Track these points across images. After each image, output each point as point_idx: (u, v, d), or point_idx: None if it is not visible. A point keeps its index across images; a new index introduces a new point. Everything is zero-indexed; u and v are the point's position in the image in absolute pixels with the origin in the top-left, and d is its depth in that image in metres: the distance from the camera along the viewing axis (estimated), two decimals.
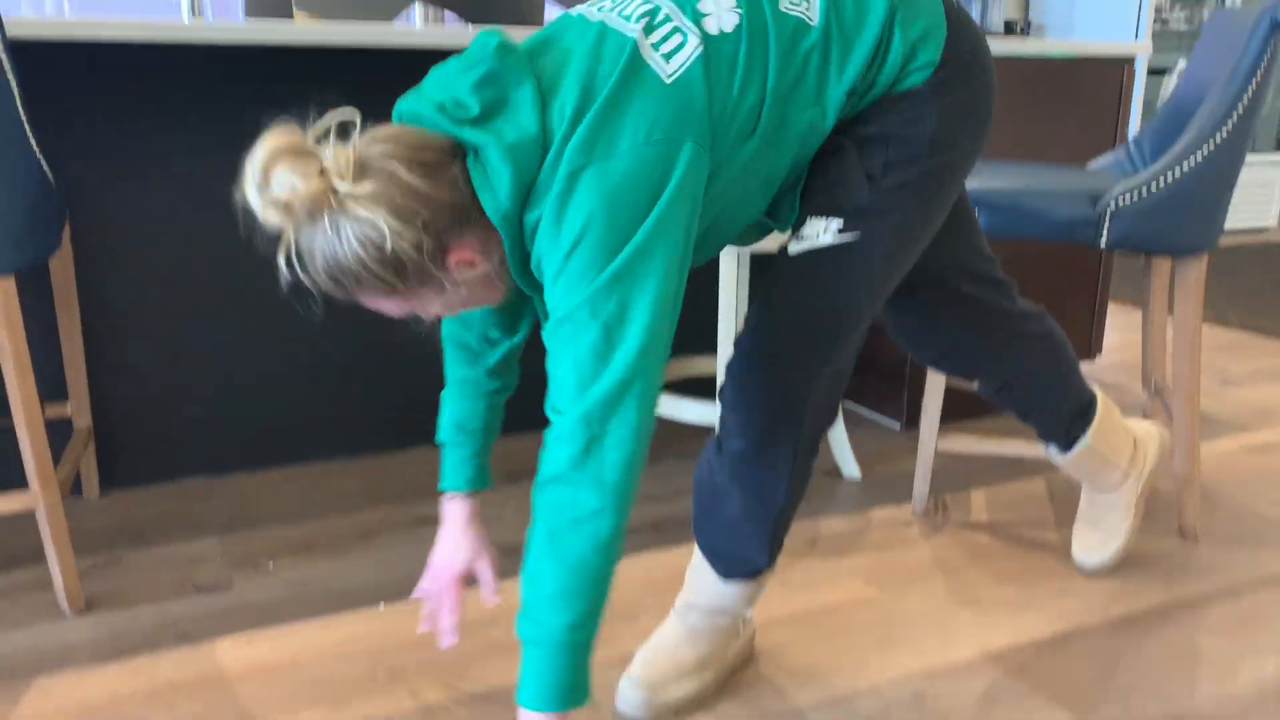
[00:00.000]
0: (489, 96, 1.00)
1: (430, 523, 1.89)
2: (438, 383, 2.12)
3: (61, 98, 1.73)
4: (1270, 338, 3.27)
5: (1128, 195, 1.72)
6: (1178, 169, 1.71)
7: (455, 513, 1.36)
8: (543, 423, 1.53)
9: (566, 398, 1.01)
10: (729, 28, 1.08)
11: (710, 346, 2.37)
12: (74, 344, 1.80)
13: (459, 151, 1.01)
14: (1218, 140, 1.70)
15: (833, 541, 1.85)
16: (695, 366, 2.18)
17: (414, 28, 1.69)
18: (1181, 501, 1.87)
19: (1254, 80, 1.67)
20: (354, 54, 1.84)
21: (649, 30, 1.05)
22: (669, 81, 1.03)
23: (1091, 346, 2.61)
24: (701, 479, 1.35)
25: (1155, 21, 4.83)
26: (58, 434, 1.91)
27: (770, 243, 1.74)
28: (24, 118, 1.41)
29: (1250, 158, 5.32)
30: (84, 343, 1.85)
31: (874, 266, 1.22)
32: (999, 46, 2.21)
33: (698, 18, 1.08)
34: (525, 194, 1.01)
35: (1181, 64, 5.01)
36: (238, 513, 1.93)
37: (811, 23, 1.12)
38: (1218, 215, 1.77)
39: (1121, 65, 2.36)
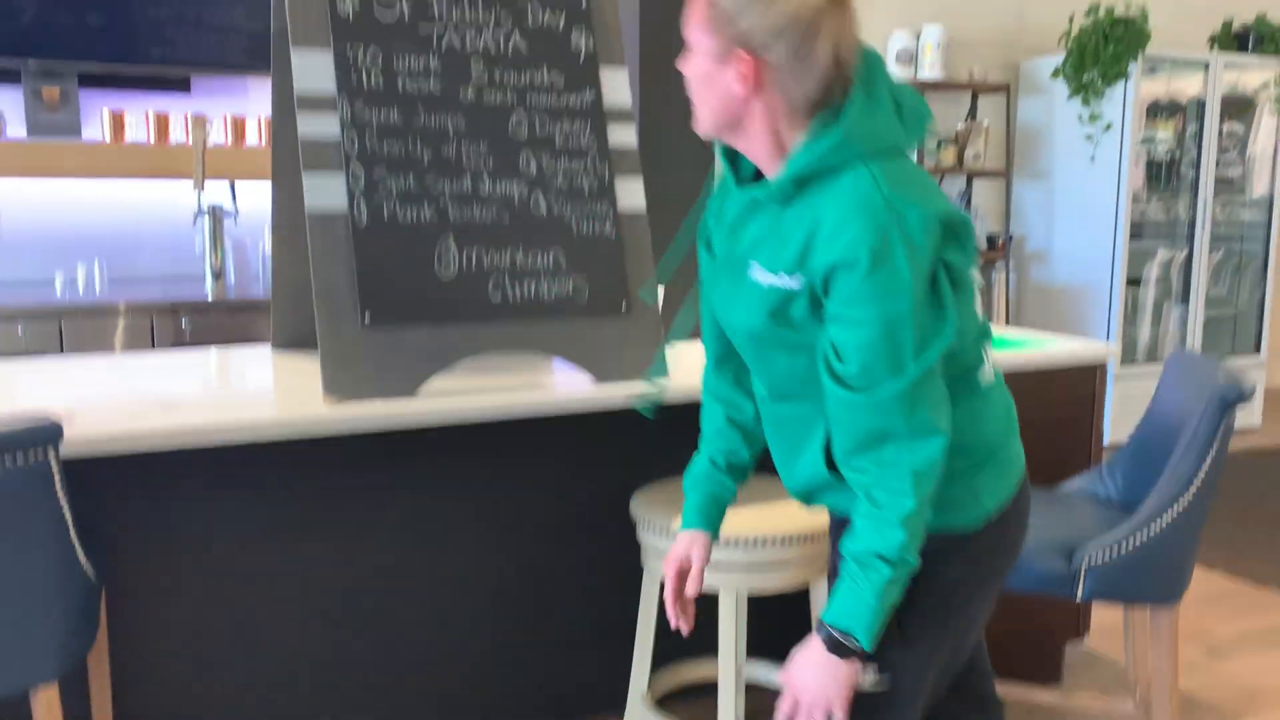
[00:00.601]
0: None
1: None
2: None
3: (95, 484, 1.84)
4: (1261, 587, 3.34)
5: (1100, 554, 1.83)
6: (1144, 532, 1.82)
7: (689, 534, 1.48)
8: None
9: None
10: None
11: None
12: None
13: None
14: (1180, 507, 1.82)
15: None
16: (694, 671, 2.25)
17: (443, 406, 1.83)
18: None
19: (1209, 455, 1.80)
20: (388, 436, 1.95)
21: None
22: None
23: (1080, 625, 2.68)
24: None
25: (1134, 212, 5.06)
26: None
27: (766, 582, 1.82)
28: (75, 538, 1.53)
29: (1233, 360, 5.49)
30: None
31: (905, 695, 1.35)
32: None
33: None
34: (811, 174, 1.24)
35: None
36: None
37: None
38: (1184, 569, 1.88)
39: (1094, 370, 2.51)
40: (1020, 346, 2.58)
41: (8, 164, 3.29)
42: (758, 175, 1.35)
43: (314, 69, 1.88)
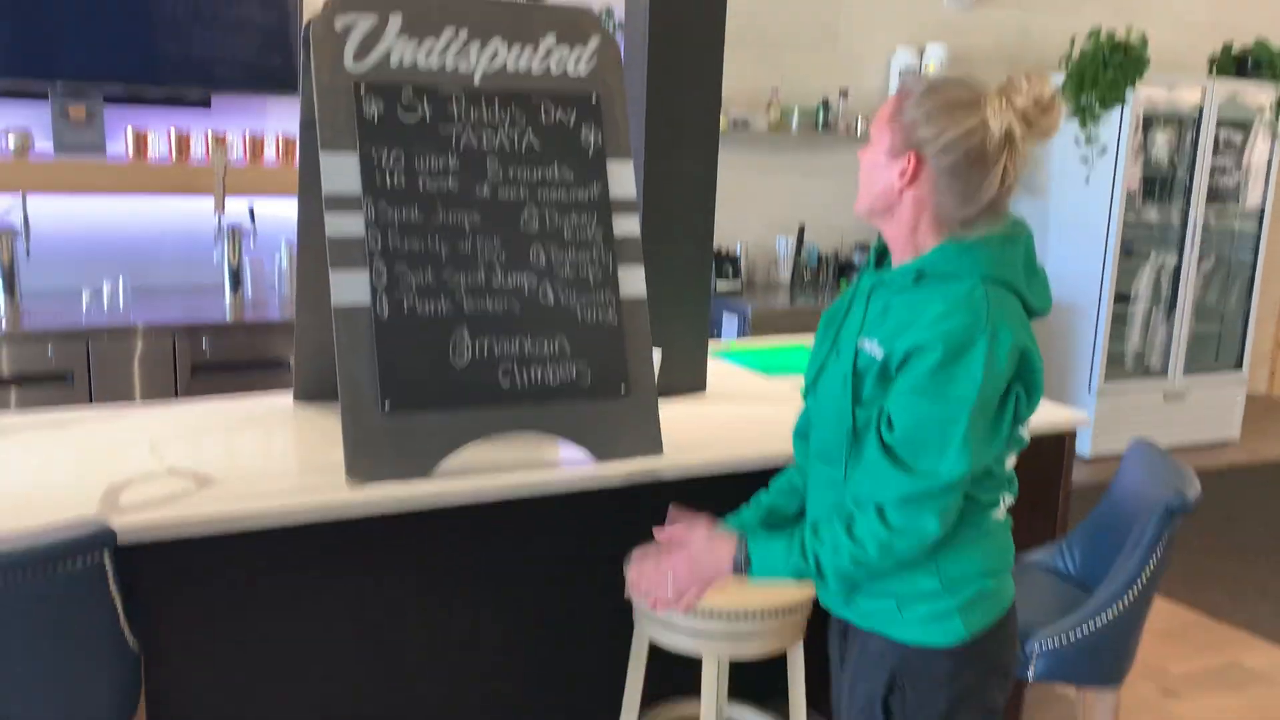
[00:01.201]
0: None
1: None
2: None
3: (133, 560, 1.99)
4: (1220, 621, 3.53)
5: (1050, 640, 2.02)
6: (1090, 623, 2.00)
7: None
8: None
9: None
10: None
11: None
12: None
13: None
14: (1124, 603, 2.00)
15: None
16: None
17: (457, 488, 2.00)
18: None
19: (1152, 558, 1.98)
20: (419, 516, 2.06)
21: None
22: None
23: None
24: None
25: (1128, 217, 5.19)
26: None
27: (746, 650, 2.00)
28: (124, 622, 1.70)
29: (1215, 376, 5.64)
30: None
31: None
32: None
33: None
34: (935, 273, 1.45)
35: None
36: None
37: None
38: (1127, 655, 2.07)
39: (1062, 438, 2.67)
40: None
41: (37, 180, 3.42)
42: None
43: (341, 171, 2.01)
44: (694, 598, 1.60)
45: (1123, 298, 5.33)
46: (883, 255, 1.59)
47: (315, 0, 3.77)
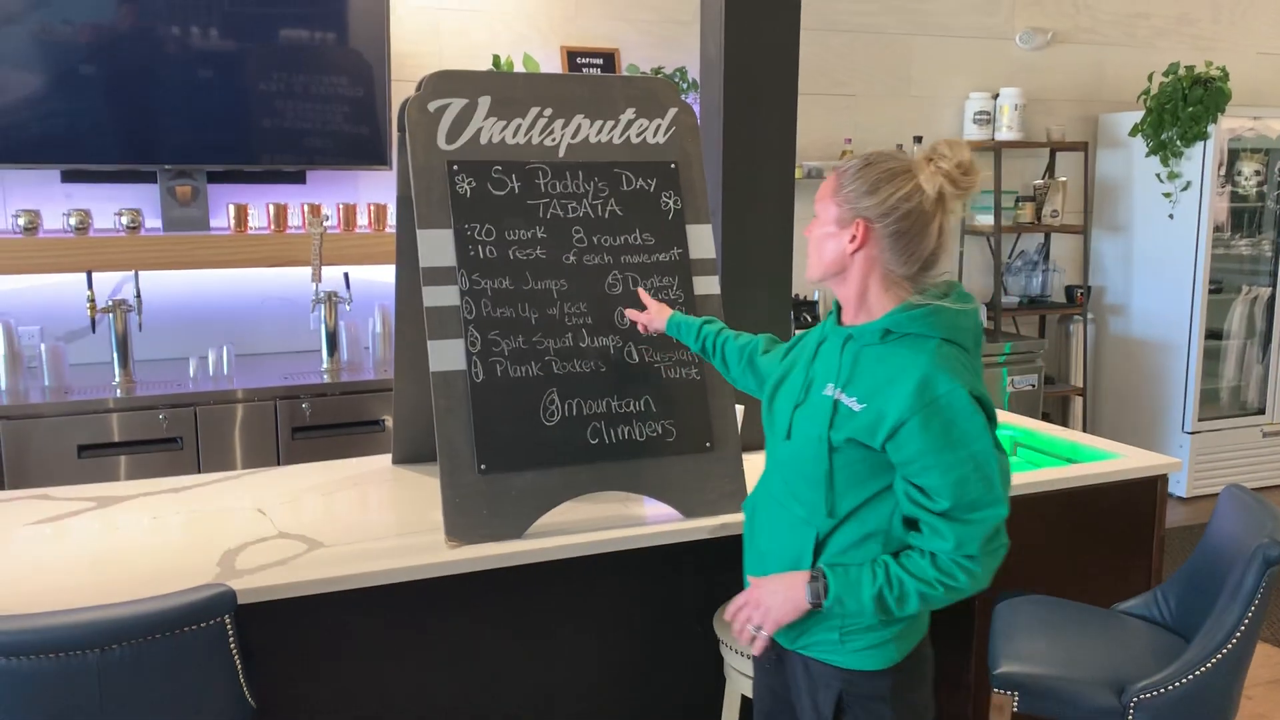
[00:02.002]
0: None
1: None
2: None
3: (249, 616, 2.10)
4: None
5: (1149, 693, 1.99)
6: (1190, 675, 1.98)
7: None
8: None
9: None
10: None
11: None
12: None
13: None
14: (1223, 653, 1.97)
15: None
16: None
17: (550, 545, 2.07)
18: None
19: (1251, 607, 1.95)
20: (513, 570, 2.13)
21: None
22: None
23: None
24: None
25: (1218, 247, 5.09)
26: None
27: None
28: (243, 679, 1.80)
29: None
30: None
31: None
32: (1033, 478, 2.51)
33: None
34: (902, 332, 1.63)
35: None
36: None
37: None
38: (1229, 707, 2.03)
39: (1154, 482, 2.64)
40: (1081, 458, 2.73)
41: (147, 257, 3.63)
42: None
43: (437, 246, 2.12)
44: (774, 624, 1.70)
45: (1215, 334, 5.21)
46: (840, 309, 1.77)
47: (402, 74, 3.96)
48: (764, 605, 1.69)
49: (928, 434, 1.56)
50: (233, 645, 1.74)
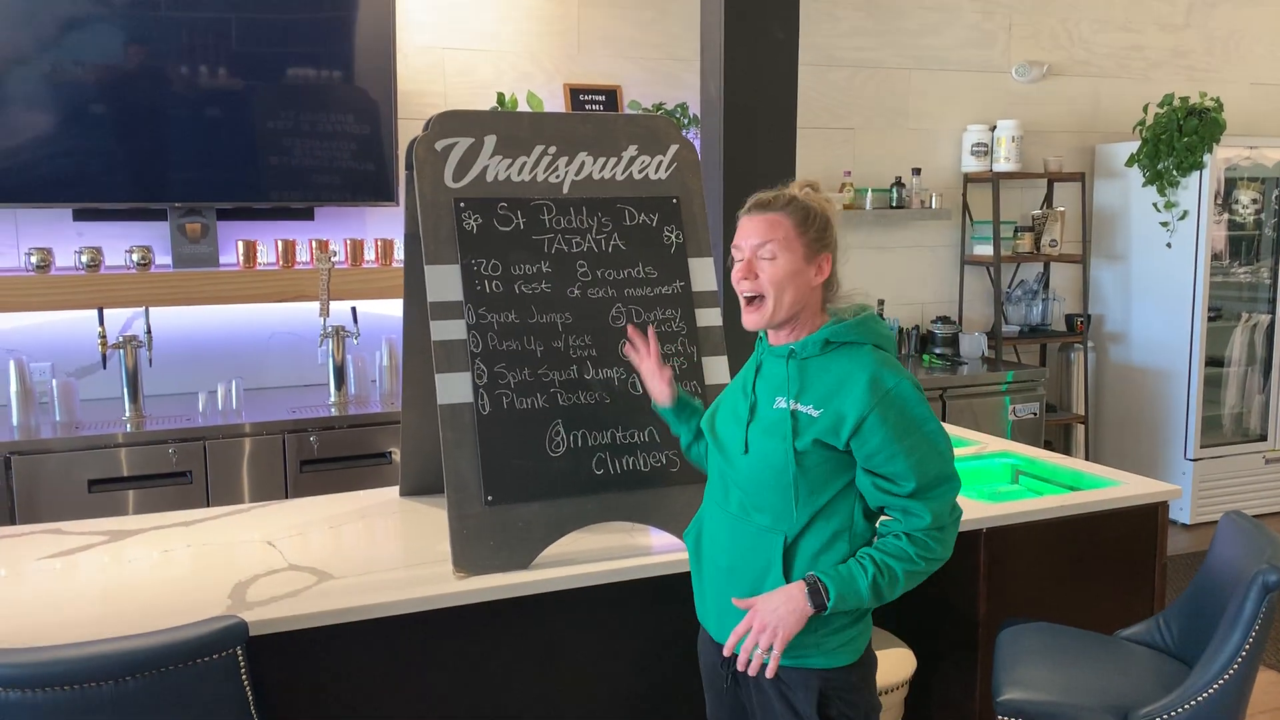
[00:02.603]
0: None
1: None
2: None
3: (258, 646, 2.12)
4: None
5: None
6: (1191, 701, 1.99)
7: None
8: None
9: None
10: None
11: None
12: None
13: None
14: (1224, 679, 1.98)
15: None
16: None
17: (555, 576, 2.09)
18: None
19: (1251, 633, 1.97)
20: (519, 599, 2.16)
21: None
22: None
23: None
24: None
25: (1216, 274, 5.12)
26: None
27: None
28: (254, 708, 1.82)
29: None
30: None
31: None
32: (1036, 506, 2.54)
33: None
34: (841, 341, 1.80)
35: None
36: None
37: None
38: None
39: (1154, 509, 2.66)
40: (1082, 486, 2.75)
41: (157, 293, 3.68)
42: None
43: (444, 282, 2.17)
44: (784, 640, 1.74)
45: (1216, 361, 5.24)
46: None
47: (408, 112, 4.03)
48: (769, 625, 1.73)
49: (886, 425, 1.71)
50: (244, 676, 1.77)
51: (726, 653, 1.80)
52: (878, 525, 1.82)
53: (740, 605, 1.79)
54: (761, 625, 1.74)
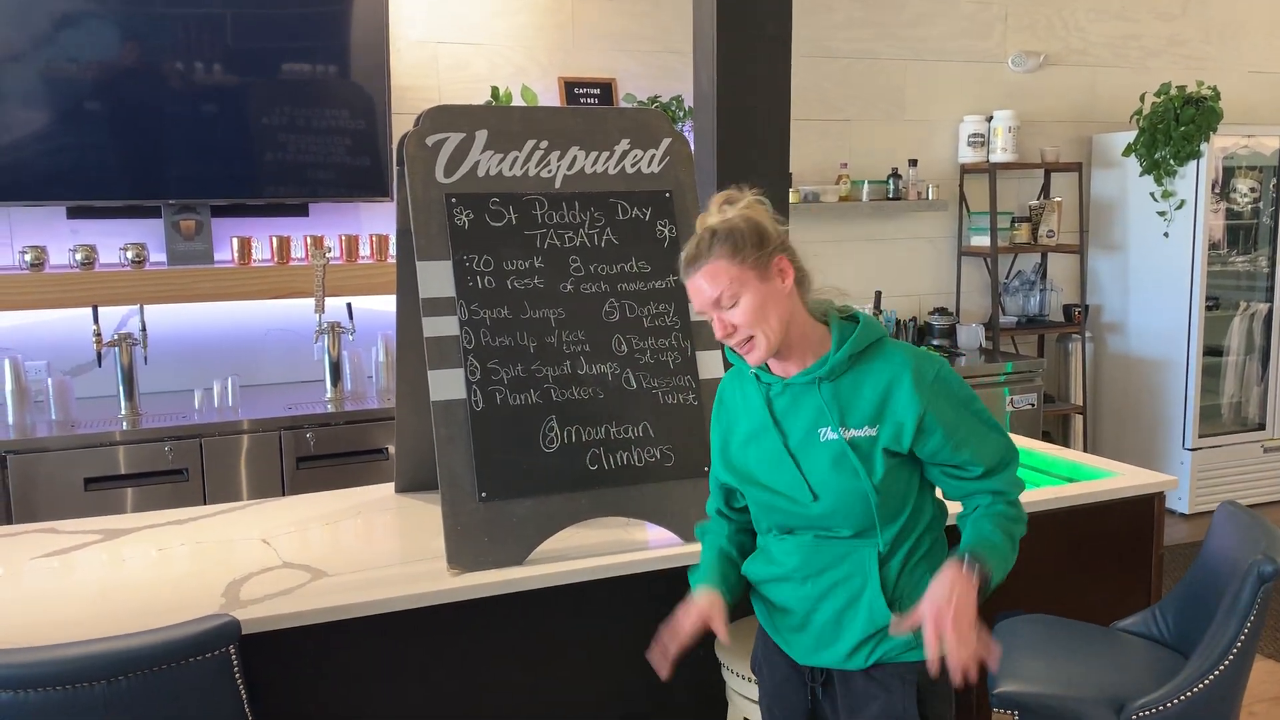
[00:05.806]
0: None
1: None
2: None
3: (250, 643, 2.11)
4: None
5: (1147, 710, 2.00)
6: (1188, 691, 1.99)
7: (709, 591, 1.80)
8: None
9: None
10: None
11: None
12: None
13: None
14: (1220, 669, 1.98)
15: None
16: None
17: (550, 571, 2.09)
18: None
19: (1246, 624, 1.97)
20: (515, 595, 2.15)
21: None
22: None
23: None
24: None
25: (1214, 263, 5.11)
26: None
27: None
28: (247, 707, 1.81)
29: None
30: None
31: None
32: (1032, 497, 2.53)
33: None
34: (862, 350, 1.73)
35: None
36: None
37: None
38: None
39: (1151, 500, 2.66)
40: (1079, 477, 2.75)
41: (152, 290, 3.67)
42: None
43: (436, 277, 2.16)
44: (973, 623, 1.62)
45: (1214, 350, 5.24)
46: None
47: (402, 107, 4.02)
48: (958, 616, 1.58)
49: (943, 416, 1.69)
50: (237, 675, 1.77)
51: (933, 670, 1.64)
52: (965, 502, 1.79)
53: (906, 628, 1.66)
54: (956, 619, 1.57)
